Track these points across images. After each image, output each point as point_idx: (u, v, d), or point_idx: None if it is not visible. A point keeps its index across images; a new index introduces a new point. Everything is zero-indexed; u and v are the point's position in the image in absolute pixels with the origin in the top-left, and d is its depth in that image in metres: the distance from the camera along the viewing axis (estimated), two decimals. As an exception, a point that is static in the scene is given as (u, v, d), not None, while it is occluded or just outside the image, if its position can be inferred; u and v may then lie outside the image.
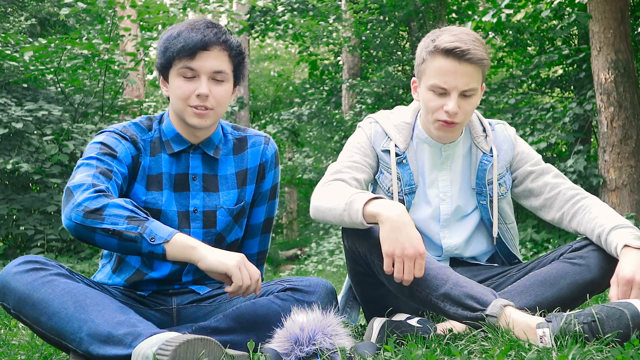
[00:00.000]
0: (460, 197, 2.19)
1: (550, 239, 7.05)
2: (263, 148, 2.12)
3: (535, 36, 9.48)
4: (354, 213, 1.83)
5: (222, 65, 1.92)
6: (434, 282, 1.81)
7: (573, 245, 2.01)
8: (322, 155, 13.81)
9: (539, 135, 7.53)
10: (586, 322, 1.58)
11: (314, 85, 13.79)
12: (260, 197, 2.15)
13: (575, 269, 1.93)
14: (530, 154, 2.22)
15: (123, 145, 1.93)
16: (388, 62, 11.84)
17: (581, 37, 8.83)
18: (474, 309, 1.74)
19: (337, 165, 2.14)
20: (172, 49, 1.89)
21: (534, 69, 8.42)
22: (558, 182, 2.15)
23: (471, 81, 2.01)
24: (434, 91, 2.04)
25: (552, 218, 2.14)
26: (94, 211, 1.70)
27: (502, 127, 2.25)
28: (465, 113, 2.05)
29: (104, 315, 1.64)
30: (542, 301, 1.88)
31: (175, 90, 1.92)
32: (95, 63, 8.17)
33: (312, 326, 1.68)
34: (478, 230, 2.24)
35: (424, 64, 2.06)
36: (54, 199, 7.41)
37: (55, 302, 1.67)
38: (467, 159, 2.21)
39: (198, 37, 1.88)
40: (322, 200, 1.98)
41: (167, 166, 1.99)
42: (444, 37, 2.01)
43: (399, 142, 2.16)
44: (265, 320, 1.84)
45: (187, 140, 2.01)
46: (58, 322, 1.66)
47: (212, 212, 2.02)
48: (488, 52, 2.07)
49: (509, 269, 2.19)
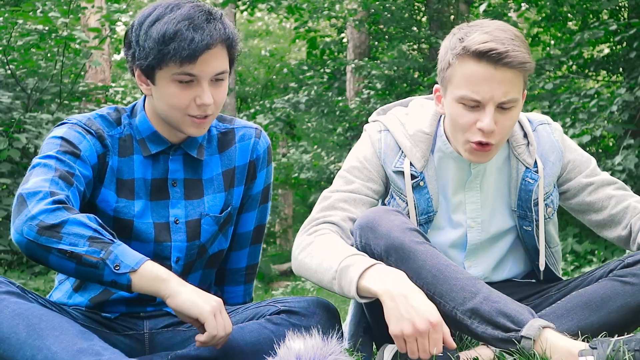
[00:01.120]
0: (493, 223, 2.15)
1: (595, 250, 7.06)
2: (254, 142, 2.10)
3: (577, 8, 9.49)
4: (346, 285, 1.80)
5: (224, 65, 1.90)
6: (460, 295, 1.80)
7: (625, 260, 1.98)
8: (323, 150, 13.81)
9: (582, 126, 7.53)
10: (638, 350, 1.58)
11: (312, 67, 13.81)
12: (250, 201, 2.14)
13: (628, 289, 1.92)
14: (583, 162, 2.17)
15: (88, 142, 1.91)
16: (401, 39, 11.86)
17: (632, 10, 8.84)
18: (507, 328, 1.74)
19: (331, 196, 2.08)
20: (169, 53, 1.81)
21: (575, 48, 8.43)
22: (624, 195, 2.12)
23: (511, 90, 1.92)
24: (465, 104, 1.95)
25: (618, 236, 2.12)
26: (51, 227, 1.68)
27: (546, 130, 2.17)
28: (503, 131, 1.96)
29: (62, 342, 1.63)
30: (586, 327, 1.87)
31: (169, 99, 1.87)
32: (52, 40, 8.16)
33: (311, 354, 1.68)
34: (511, 251, 2.22)
35: (450, 69, 1.97)
36: (3, 203, 7.40)
37: (3, 326, 1.65)
38: (504, 173, 2.14)
39: (201, 38, 1.81)
40: (306, 256, 1.94)
41: (141, 170, 1.98)
42: (475, 37, 1.92)
43: (416, 160, 2.08)
44: (254, 349, 1.83)
45: (166, 140, 1.99)
46: (7, 349, 1.64)
47: (196, 221, 2.01)
48: (530, 50, 2.01)
49: (548, 287, 2.19)
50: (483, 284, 1.83)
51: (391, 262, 1.88)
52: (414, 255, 1.87)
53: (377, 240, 1.91)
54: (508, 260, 2.24)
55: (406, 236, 1.89)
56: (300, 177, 14.24)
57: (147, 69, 1.87)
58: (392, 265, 1.87)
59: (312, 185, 14.97)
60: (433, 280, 1.84)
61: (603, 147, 8.92)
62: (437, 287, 1.83)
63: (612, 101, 7.54)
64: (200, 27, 1.82)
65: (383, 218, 1.93)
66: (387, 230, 1.90)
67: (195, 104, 1.86)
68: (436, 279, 1.84)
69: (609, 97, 7.67)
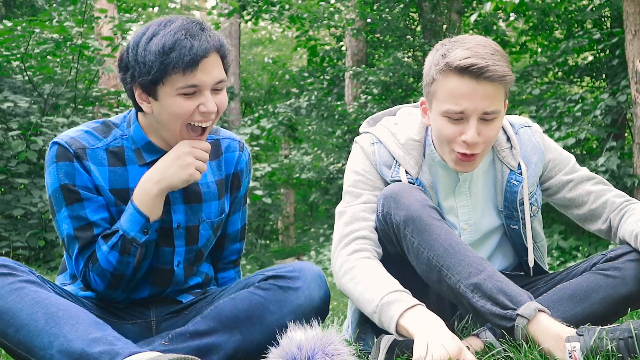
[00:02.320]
0: (483, 223, 2.16)
1: (579, 246, 7.06)
2: (238, 155, 2.11)
3: (562, 18, 9.49)
4: (386, 321, 1.80)
5: (222, 73, 1.87)
6: (466, 270, 1.81)
7: (607, 254, 1.99)
8: (323, 152, 13.82)
9: (567, 130, 7.53)
10: (622, 338, 1.58)
11: (313, 74, 13.81)
12: (236, 205, 2.16)
13: (610, 281, 1.92)
14: (562, 160, 2.17)
15: (77, 169, 1.89)
16: (397, 47, 11.86)
17: (614, 20, 8.84)
18: (505, 305, 1.74)
19: (347, 210, 2.06)
20: (172, 62, 1.77)
21: (560, 55, 8.44)
22: (603, 190, 2.12)
23: (493, 103, 1.91)
24: (449, 117, 1.93)
25: (599, 229, 2.12)
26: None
27: (527, 132, 2.16)
28: (487, 140, 1.96)
29: (78, 331, 1.64)
30: (571, 318, 1.87)
31: (175, 109, 1.83)
32: (67, 48, 8.17)
33: (311, 344, 1.68)
34: (500, 247, 2.23)
35: (434, 84, 1.95)
36: (21, 202, 7.40)
37: (23, 313, 1.67)
38: (490, 176, 2.15)
39: (200, 44, 1.80)
40: (349, 281, 1.93)
41: (138, 180, 1.91)
42: (457, 52, 1.90)
43: (410, 167, 2.07)
44: (248, 316, 1.85)
45: (160, 149, 1.95)
46: (26, 335, 1.66)
47: (195, 227, 2.00)
48: (510, 63, 1.99)
49: (535, 279, 2.19)
50: (489, 265, 1.84)
51: (408, 232, 1.90)
52: (430, 229, 1.88)
53: (398, 211, 1.92)
54: (497, 256, 2.24)
55: (425, 211, 1.91)
56: (302, 177, 14.26)
57: (149, 84, 1.81)
58: (407, 235, 1.89)
59: (312, 185, 14.98)
60: (443, 253, 1.85)
61: (587, 149, 8.92)
62: (447, 259, 1.84)
63: (595, 106, 7.54)
64: (197, 35, 1.81)
65: (406, 192, 1.95)
66: (409, 203, 1.91)
67: (198, 112, 1.84)
68: (447, 252, 1.85)
69: (593, 102, 7.68)
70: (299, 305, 1.87)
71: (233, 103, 14.68)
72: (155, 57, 1.77)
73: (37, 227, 7.45)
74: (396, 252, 1.98)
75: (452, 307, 2.15)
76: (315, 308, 1.89)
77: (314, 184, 14.78)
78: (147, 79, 1.80)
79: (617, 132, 8.07)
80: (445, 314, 2.13)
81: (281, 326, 1.78)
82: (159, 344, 1.82)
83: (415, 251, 1.88)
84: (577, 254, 6.99)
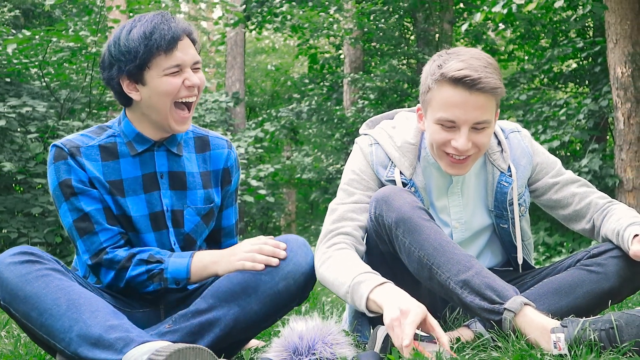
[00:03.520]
0: (474, 222, 2.16)
1: (564, 242, 7.06)
2: (227, 152, 2.18)
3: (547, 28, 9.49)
4: (357, 299, 1.81)
5: (196, 54, 1.99)
6: (455, 267, 1.81)
7: (591, 251, 2.00)
8: (322, 153, 13.82)
9: (552, 133, 7.52)
10: (603, 329, 1.58)
11: (313, 80, 13.81)
12: (228, 199, 2.21)
13: (592, 277, 1.92)
14: (549, 163, 2.17)
15: (71, 165, 1.96)
16: (392, 55, 11.85)
17: (596, 29, 8.84)
18: (492, 300, 1.74)
19: (338, 208, 2.08)
20: (155, 43, 1.89)
21: (546, 63, 8.43)
22: (586, 192, 2.13)
23: (484, 113, 1.91)
24: (442, 124, 1.94)
25: (583, 229, 2.13)
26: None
27: (517, 137, 2.16)
28: (479, 145, 1.97)
29: (97, 317, 1.67)
30: (556, 311, 1.87)
31: (164, 86, 1.93)
32: (83, 56, 8.16)
33: (312, 335, 1.68)
34: (489, 245, 2.23)
35: (430, 93, 1.96)
36: (39, 200, 7.40)
37: (47, 298, 1.70)
38: (482, 177, 2.15)
39: (176, 26, 1.93)
40: (325, 270, 1.95)
41: (131, 171, 2.01)
42: (452, 64, 1.90)
43: (404, 168, 2.08)
44: (242, 288, 1.87)
45: (149, 139, 2.03)
46: (48, 318, 1.69)
47: (179, 211, 2.05)
48: (502, 75, 1.99)
49: (523, 274, 2.18)
50: (477, 262, 1.84)
51: (399, 232, 1.90)
52: (420, 229, 1.88)
53: (390, 213, 1.92)
54: (487, 253, 2.24)
55: (415, 212, 1.91)
56: (303, 177, 14.25)
57: (136, 70, 1.92)
58: (399, 235, 1.89)
59: (313, 184, 14.97)
60: (433, 252, 1.85)
61: (571, 151, 8.91)
62: (436, 258, 1.84)
63: (579, 110, 7.54)
64: (171, 20, 1.95)
65: (397, 194, 1.95)
66: (399, 205, 1.91)
67: (184, 87, 1.94)
68: (436, 251, 1.85)
69: (576, 107, 7.67)
70: (289, 271, 1.90)
71: (238, 108, 14.66)
72: (139, 42, 1.89)
73: (54, 225, 7.46)
74: (389, 251, 1.98)
75: (443, 301, 2.15)
76: (303, 273, 1.92)
77: (314, 184, 14.76)
78: (134, 65, 1.91)
79: (599, 135, 8.07)
80: (437, 307, 2.13)
81: (274, 293, 1.85)
82: (165, 327, 1.85)
83: (407, 250, 1.88)
84: (562, 249, 6.99)
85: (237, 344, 2.02)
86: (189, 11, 19.87)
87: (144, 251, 1.94)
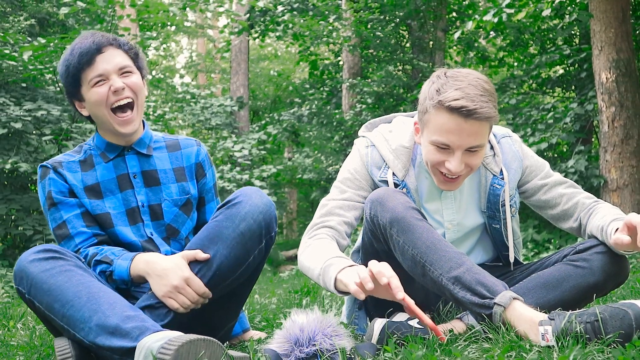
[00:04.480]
0: (466, 222, 2.16)
1: (551, 239, 7.05)
2: (197, 150, 2.26)
3: (536, 36, 9.49)
4: (327, 280, 1.82)
5: (124, 61, 2.06)
6: (447, 264, 1.81)
7: (577, 247, 2.00)
8: (322, 155, 13.81)
9: (540, 135, 7.52)
10: (589, 322, 1.58)
11: (314, 85, 13.79)
12: (207, 194, 2.27)
13: (578, 271, 1.93)
14: (538, 166, 2.17)
15: (53, 178, 2.07)
16: (388, 61, 11.84)
17: (582, 37, 8.83)
18: (483, 295, 1.75)
19: (328, 203, 2.09)
20: (73, 62, 2.02)
21: (535, 69, 8.42)
22: (573, 193, 2.13)
23: (478, 138, 1.91)
24: (437, 146, 1.94)
25: (570, 227, 2.13)
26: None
27: (508, 142, 2.16)
28: (471, 166, 1.97)
29: (115, 309, 1.71)
30: (544, 304, 1.88)
31: (94, 97, 2.04)
32: (95, 63, 8.14)
33: (312, 327, 1.68)
34: (480, 242, 2.23)
35: (427, 115, 1.95)
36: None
37: (70, 291, 1.75)
38: (475, 180, 2.15)
39: (90, 42, 2.02)
40: (304, 258, 1.98)
41: (106, 174, 2.12)
42: (450, 93, 1.88)
43: (397, 170, 2.08)
44: (209, 238, 1.92)
45: (117, 146, 2.14)
46: (70, 309, 1.74)
47: (157, 205, 2.14)
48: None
49: (511, 270, 2.19)
50: (468, 259, 1.84)
51: (393, 232, 1.90)
52: (413, 229, 1.88)
53: (384, 213, 1.92)
54: (478, 250, 2.24)
55: (408, 212, 1.91)
56: (303, 177, 14.24)
57: (74, 90, 2.06)
58: (393, 235, 1.90)
59: (313, 184, 14.97)
60: (426, 250, 1.85)
61: (558, 152, 8.90)
62: (429, 256, 1.84)
63: (565, 114, 7.53)
64: (88, 39, 2.04)
65: (391, 196, 1.95)
66: (393, 206, 1.91)
67: (111, 93, 2.02)
68: (429, 249, 1.85)
69: (563, 111, 7.67)
70: (246, 212, 1.92)
71: (242, 111, 14.66)
72: (64, 63, 2.04)
73: (67, 222, 7.43)
74: (384, 250, 1.98)
75: (436, 296, 2.15)
76: (261, 212, 1.94)
77: (315, 184, 14.76)
78: (70, 85, 2.06)
79: (585, 137, 8.06)
80: (430, 302, 2.13)
81: (238, 235, 1.89)
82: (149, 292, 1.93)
83: (401, 249, 1.88)
84: (549, 245, 6.98)
85: (226, 321, 2.08)
86: (195, 20, 19.87)
87: (102, 252, 1.99)
